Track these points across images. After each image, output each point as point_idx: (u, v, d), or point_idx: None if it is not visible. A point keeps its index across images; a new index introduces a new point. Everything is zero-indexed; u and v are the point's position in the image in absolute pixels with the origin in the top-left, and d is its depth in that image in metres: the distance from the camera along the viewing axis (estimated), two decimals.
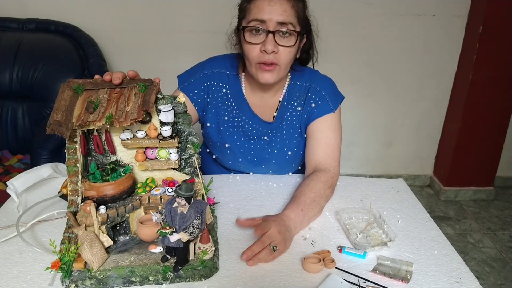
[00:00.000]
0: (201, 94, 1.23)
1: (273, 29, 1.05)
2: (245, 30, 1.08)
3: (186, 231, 0.78)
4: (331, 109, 1.18)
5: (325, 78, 1.24)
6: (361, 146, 2.74)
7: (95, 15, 2.20)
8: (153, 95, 0.83)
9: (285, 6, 1.05)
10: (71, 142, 0.83)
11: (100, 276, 0.79)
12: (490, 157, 2.62)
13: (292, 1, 1.06)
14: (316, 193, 1.05)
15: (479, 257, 2.18)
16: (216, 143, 1.28)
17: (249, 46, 1.08)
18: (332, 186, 1.12)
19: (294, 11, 1.07)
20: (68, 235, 0.83)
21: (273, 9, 1.04)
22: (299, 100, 1.21)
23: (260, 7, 1.05)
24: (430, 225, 1.03)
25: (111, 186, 0.84)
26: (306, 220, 1.00)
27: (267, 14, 1.04)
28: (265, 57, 1.07)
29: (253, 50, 1.08)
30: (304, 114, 1.20)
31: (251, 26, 1.06)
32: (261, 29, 1.06)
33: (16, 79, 1.94)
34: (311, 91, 1.19)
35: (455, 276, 0.85)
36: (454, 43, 2.47)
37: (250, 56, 1.09)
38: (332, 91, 1.21)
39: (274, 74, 1.10)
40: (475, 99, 2.45)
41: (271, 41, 1.05)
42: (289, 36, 1.07)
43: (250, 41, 1.08)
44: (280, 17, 1.04)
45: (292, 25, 1.06)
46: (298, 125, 1.22)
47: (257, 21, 1.05)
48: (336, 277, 0.82)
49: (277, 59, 1.08)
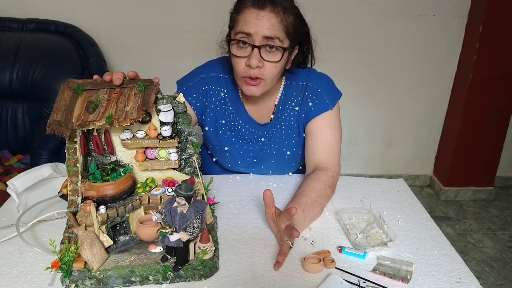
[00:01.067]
0: (200, 98, 1.23)
1: (259, 43, 1.03)
2: (232, 43, 1.07)
3: (186, 231, 0.78)
4: (329, 107, 1.17)
5: (322, 76, 1.23)
6: (361, 146, 2.74)
7: (95, 15, 2.20)
8: (153, 95, 0.83)
9: (273, 20, 1.02)
10: (71, 142, 0.83)
11: (100, 276, 0.79)
12: (490, 157, 2.62)
13: (281, 15, 1.03)
14: (317, 193, 1.04)
15: (479, 257, 2.18)
16: (215, 146, 1.29)
17: (235, 59, 1.07)
18: (333, 186, 1.11)
19: (283, 25, 1.03)
20: (68, 235, 0.83)
21: (260, 23, 1.01)
22: (297, 100, 1.20)
23: (247, 20, 1.03)
24: (430, 225, 1.03)
25: (111, 186, 0.84)
26: (307, 221, 0.99)
27: (254, 28, 1.02)
28: (250, 72, 1.06)
29: (239, 64, 1.07)
30: (302, 114, 1.20)
31: (237, 39, 1.05)
32: (247, 42, 1.04)
33: (16, 79, 1.94)
34: (308, 90, 1.19)
35: (455, 276, 0.85)
36: (454, 43, 2.47)
37: (236, 69, 1.09)
38: (329, 88, 1.20)
39: (260, 88, 1.09)
40: (475, 99, 2.45)
41: (256, 56, 1.03)
42: (276, 51, 1.05)
43: (236, 54, 1.06)
44: (266, 32, 1.02)
45: (279, 39, 1.04)
46: (296, 124, 1.22)
47: (244, 34, 1.03)
48: (336, 277, 0.82)
49: (261, 74, 1.07)
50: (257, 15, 1.02)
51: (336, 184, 1.14)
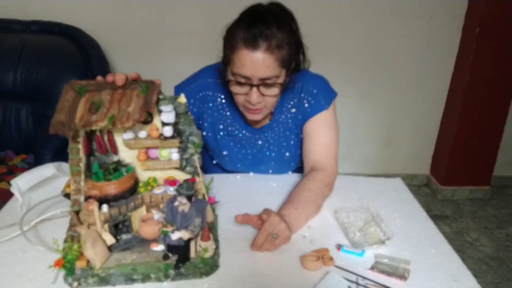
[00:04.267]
0: (197, 103, 1.23)
1: (256, 83, 1.03)
2: (230, 83, 1.07)
3: (187, 230, 0.79)
4: (324, 107, 1.18)
5: (317, 77, 1.23)
6: (360, 146, 2.76)
7: (97, 17, 2.21)
8: (155, 96, 0.84)
9: (268, 61, 0.99)
10: (74, 142, 0.83)
11: (102, 274, 0.80)
12: (487, 157, 2.64)
13: (276, 52, 1.00)
14: (312, 191, 1.05)
15: (476, 255, 2.19)
16: (214, 150, 1.30)
17: (235, 94, 1.09)
18: (329, 185, 1.12)
19: (278, 62, 1.01)
20: (71, 234, 0.84)
21: (256, 66, 0.99)
22: (293, 102, 1.20)
23: (242, 62, 1.00)
24: (428, 224, 1.04)
25: (113, 185, 0.85)
26: (303, 218, 1.00)
27: (250, 71, 1.00)
28: (251, 105, 1.07)
29: (239, 98, 1.09)
30: (299, 115, 1.20)
31: (235, 80, 1.05)
32: (244, 83, 1.04)
33: (20, 80, 1.95)
34: (303, 92, 1.19)
35: (453, 275, 0.86)
36: (451, 44, 2.49)
37: (237, 100, 1.11)
38: (324, 88, 1.21)
39: (262, 114, 1.12)
40: (472, 100, 2.47)
41: (256, 93, 1.04)
42: (274, 87, 1.05)
43: (236, 92, 1.08)
44: (263, 74, 1.01)
45: (276, 76, 1.03)
46: (294, 126, 1.22)
47: (241, 76, 1.03)
48: (335, 275, 0.84)
49: (263, 105, 1.08)
50: (251, 58, 0.99)
51: (333, 183, 1.15)
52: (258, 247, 0.90)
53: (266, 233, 0.89)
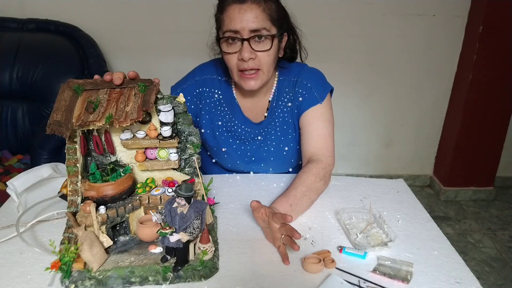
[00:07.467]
0: (194, 100, 1.24)
1: (247, 36, 1.05)
2: (221, 41, 1.09)
3: (186, 231, 0.78)
4: (318, 101, 1.18)
5: (312, 71, 1.24)
6: (361, 146, 2.74)
7: (95, 15, 2.21)
8: (153, 95, 0.83)
9: (256, 11, 1.04)
10: (71, 142, 0.83)
11: (99, 277, 0.79)
12: (490, 157, 2.62)
13: (263, 4, 1.05)
14: (307, 186, 1.05)
15: (479, 257, 2.18)
16: (213, 148, 1.29)
17: (227, 56, 1.09)
18: (324, 177, 1.11)
19: (266, 14, 1.05)
20: (68, 235, 0.83)
21: (244, 17, 1.03)
22: (289, 96, 1.21)
23: (231, 17, 1.04)
24: (430, 225, 1.03)
25: (111, 186, 0.84)
26: (294, 215, 0.99)
27: (239, 24, 1.03)
28: (244, 65, 1.07)
29: (231, 59, 1.09)
30: (294, 109, 1.21)
31: (226, 37, 1.07)
32: (236, 38, 1.06)
33: (16, 79, 1.94)
34: (298, 85, 1.20)
35: (455, 276, 0.85)
36: (454, 43, 2.47)
37: (230, 65, 1.11)
38: (318, 82, 1.21)
39: (258, 80, 1.11)
40: (475, 99, 2.45)
41: (247, 48, 1.05)
42: (265, 40, 1.07)
43: (227, 51, 1.09)
44: (252, 25, 1.04)
45: (266, 29, 1.05)
46: (291, 120, 1.23)
47: (230, 31, 1.05)
48: (336, 277, 0.82)
49: (257, 64, 1.08)
50: (239, 9, 1.03)
51: (329, 175, 1.15)
52: (287, 257, 0.88)
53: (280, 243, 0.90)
